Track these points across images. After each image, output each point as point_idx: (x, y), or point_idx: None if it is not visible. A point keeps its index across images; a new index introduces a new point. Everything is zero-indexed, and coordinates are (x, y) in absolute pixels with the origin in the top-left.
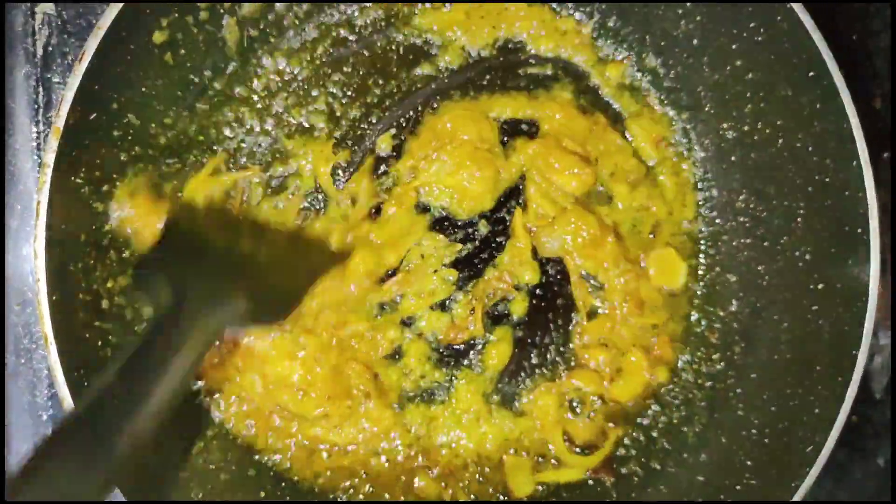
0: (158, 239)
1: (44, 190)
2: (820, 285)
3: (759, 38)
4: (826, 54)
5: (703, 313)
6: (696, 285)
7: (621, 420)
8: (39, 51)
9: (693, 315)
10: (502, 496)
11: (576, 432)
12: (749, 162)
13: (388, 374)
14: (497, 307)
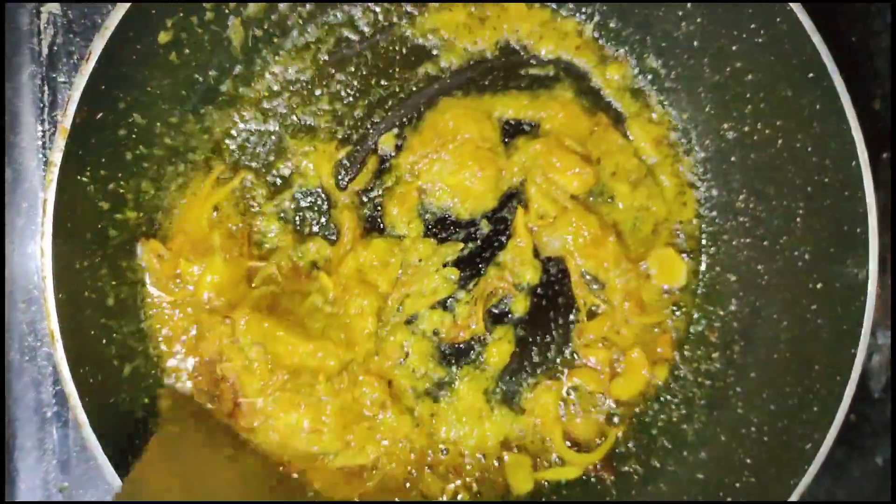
0: None
1: (51, 188)
2: (819, 285)
3: (760, 40)
4: (826, 56)
5: (703, 312)
6: (697, 285)
7: (621, 418)
8: (45, 50)
9: (693, 314)
10: (503, 493)
11: (576, 430)
12: (749, 162)
13: (399, 378)
14: (498, 306)
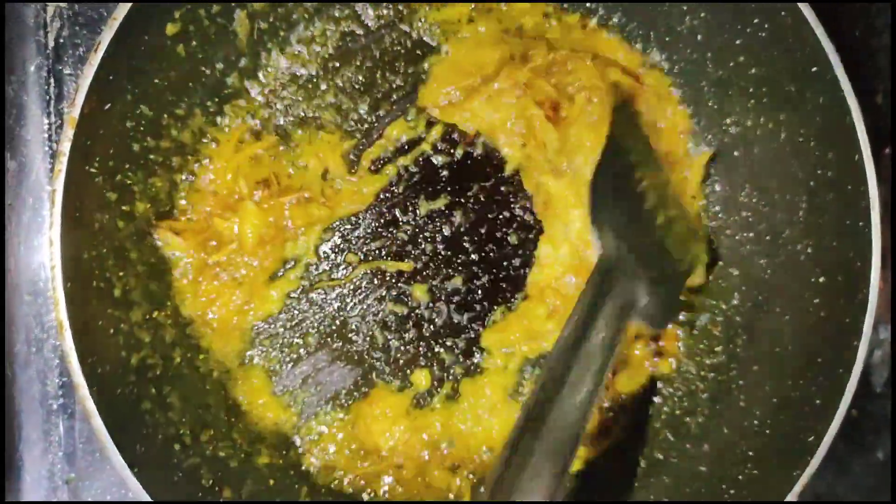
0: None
1: (59, 178)
2: (821, 279)
3: (763, 34)
4: (829, 49)
5: (706, 306)
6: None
7: (624, 411)
8: (51, 43)
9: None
10: None
11: None
12: (752, 157)
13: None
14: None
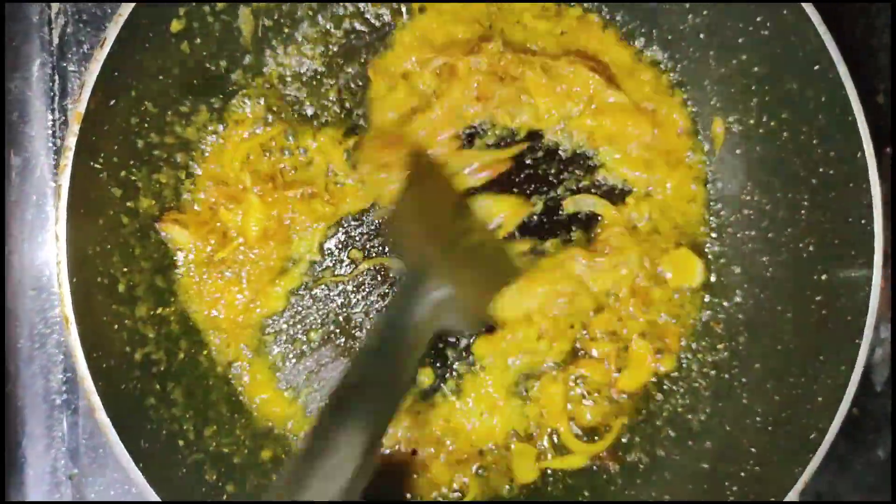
0: (404, 191)
1: (65, 173)
2: (823, 276)
3: (766, 32)
4: (831, 47)
5: (708, 304)
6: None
7: (626, 408)
8: (55, 40)
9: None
10: (508, 483)
11: (582, 420)
12: (754, 155)
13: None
14: None
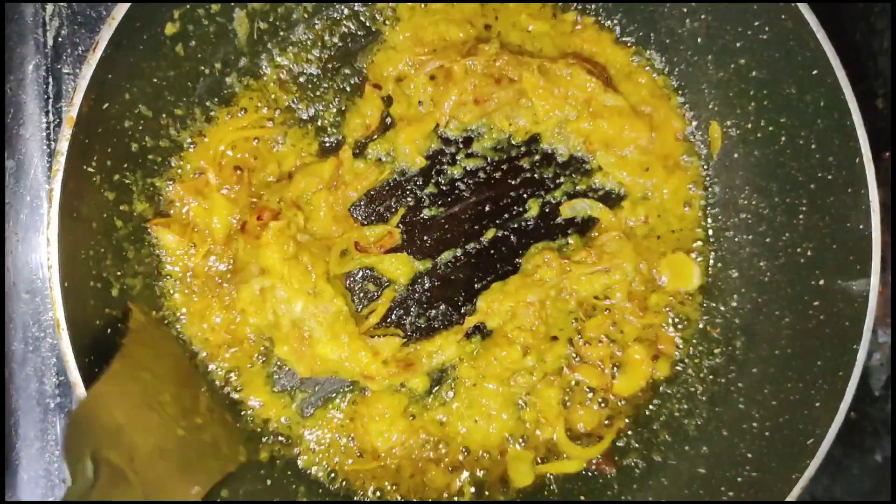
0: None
1: (57, 177)
2: (821, 281)
3: (764, 37)
4: (830, 52)
5: (705, 308)
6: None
7: (623, 413)
8: (50, 42)
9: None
10: (503, 487)
11: (578, 425)
12: (752, 159)
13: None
14: None
